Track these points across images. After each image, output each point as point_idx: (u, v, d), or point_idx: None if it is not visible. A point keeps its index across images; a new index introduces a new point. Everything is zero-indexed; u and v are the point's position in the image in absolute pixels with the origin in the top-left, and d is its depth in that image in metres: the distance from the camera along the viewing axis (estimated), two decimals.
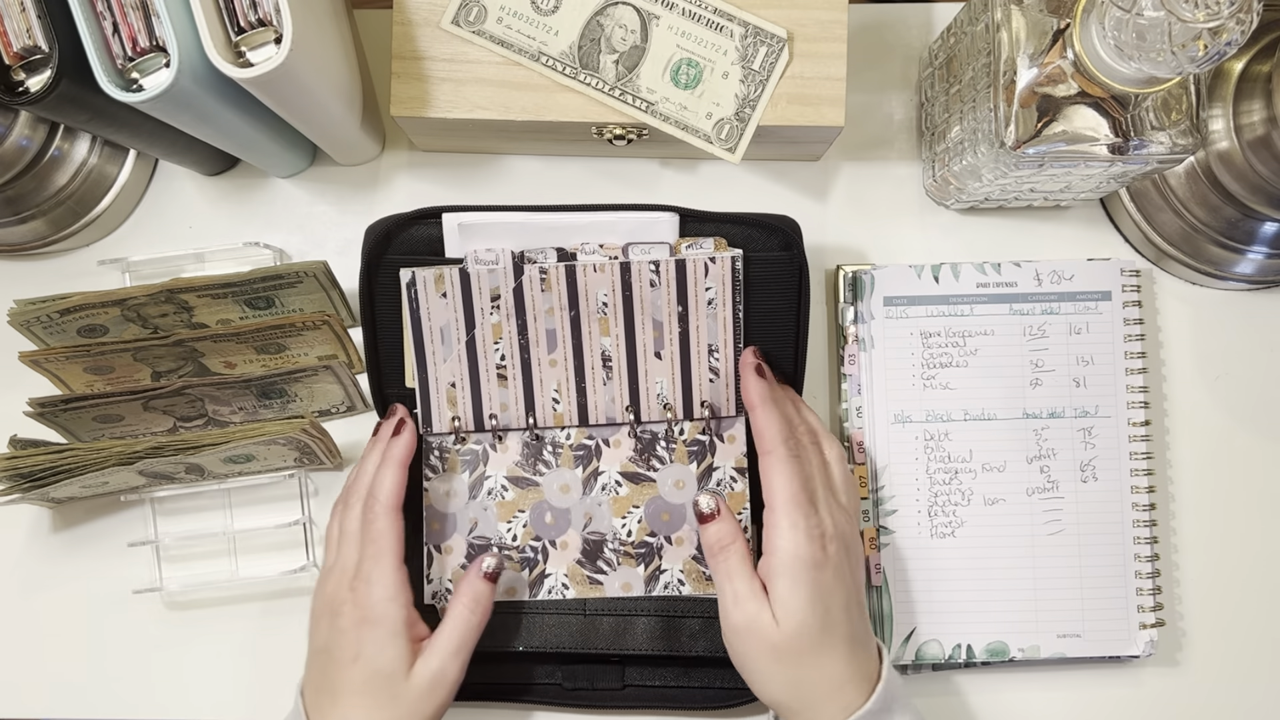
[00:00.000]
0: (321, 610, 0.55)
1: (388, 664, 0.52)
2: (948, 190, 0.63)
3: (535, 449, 0.61)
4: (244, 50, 0.50)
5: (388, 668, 0.52)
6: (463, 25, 0.57)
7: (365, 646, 0.52)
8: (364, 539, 0.55)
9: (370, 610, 0.53)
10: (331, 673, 0.53)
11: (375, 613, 0.53)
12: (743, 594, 0.52)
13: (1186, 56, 0.45)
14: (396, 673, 0.52)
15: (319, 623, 0.55)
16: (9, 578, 0.65)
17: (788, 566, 0.51)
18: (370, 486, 0.56)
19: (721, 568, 0.53)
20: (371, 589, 0.53)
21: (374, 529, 0.55)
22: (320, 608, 0.55)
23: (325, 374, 0.61)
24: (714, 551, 0.54)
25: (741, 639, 0.52)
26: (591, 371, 0.59)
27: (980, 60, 0.55)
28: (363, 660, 0.52)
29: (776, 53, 0.57)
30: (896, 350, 0.63)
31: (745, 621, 0.52)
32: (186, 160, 0.63)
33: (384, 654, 0.52)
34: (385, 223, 0.59)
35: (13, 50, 0.50)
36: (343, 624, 0.53)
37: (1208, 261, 0.64)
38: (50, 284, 0.62)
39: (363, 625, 0.53)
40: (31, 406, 0.59)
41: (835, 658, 0.51)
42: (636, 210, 0.58)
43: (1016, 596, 0.62)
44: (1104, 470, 0.63)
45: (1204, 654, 0.64)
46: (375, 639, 0.52)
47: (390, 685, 0.52)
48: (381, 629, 0.53)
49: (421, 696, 0.53)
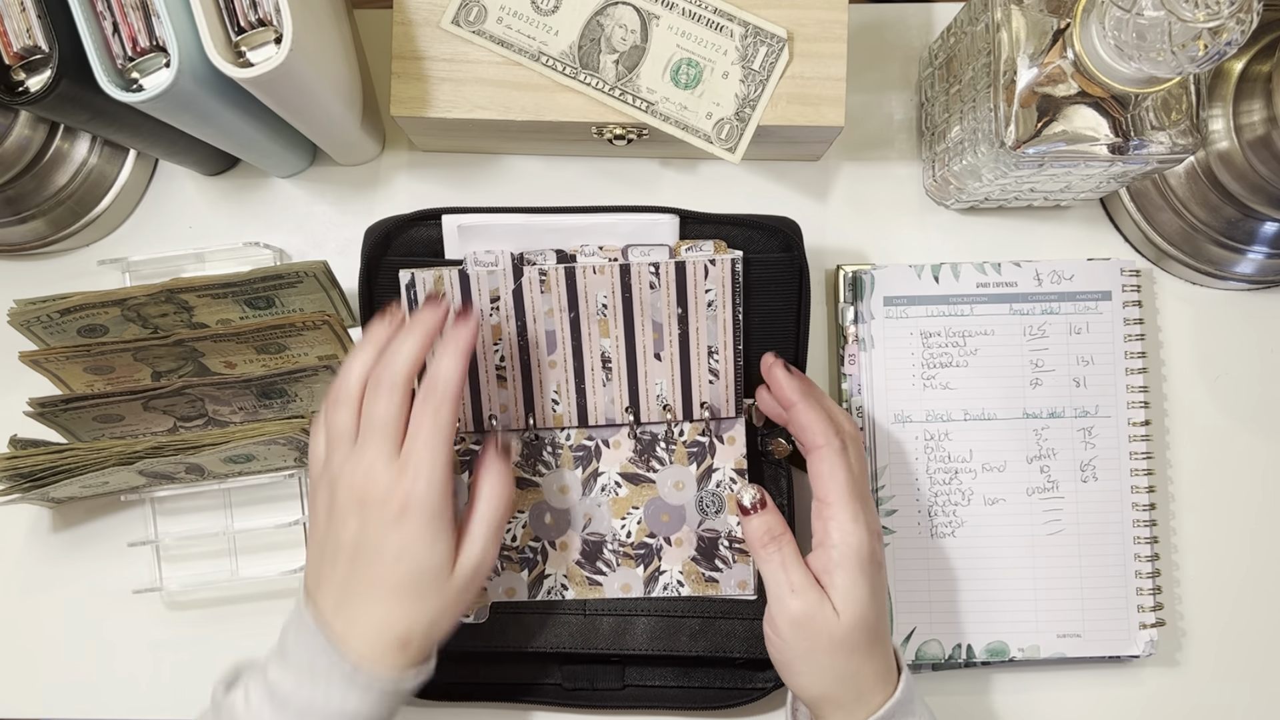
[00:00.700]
0: (348, 504, 0.50)
1: (437, 560, 0.49)
2: (948, 190, 0.63)
3: (535, 450, 0.61)
4: (244, 50, 0.50)
5: (436, 564, 0.49)
6: (463, 25, 0.57)
7: (414, 543, 0.49)
8: (421, 427, 0.50)
9: (420, 504, 0.49)
10: (365, 571, 0.49)
11: (427, 507, 0.49)
12: (800, 584, 0.51)
13: (1186, 56, 0.45)
14: (444, 568, 0.49)
15: (344, 519, 0.50)
16: (9, 578, 0.65)
17: (849, 560, 0.51)
18: (432, 374, 0.51)
19: (774, 559, 0.52)
20: (420, 482, 0.49)
21: (438, 417, 0.50)
22: (345, 502, 0.50)
23: (325, 374, 0.61)
24: (764, 543, 0.53)
25: (801, 629, 0.51)
26: (591, 373, 0.59)
27: (980, 60, 0.55)
28: (409, 557, 0.49)
29: (776, 53, 0.57)
30: (896, 350, 0.63)
31: (806, 611, 0.51)
32: (186, 160, 0.63)
33: (435, 550, 0.49)
34: (385, 224, 0.59)
35: (13, 50, 0.50)
36: (383, 519, 0.49)
37: (1208, 261, 0.64)
38: (50, 284, 0.62)
39: (411, 520, 0.49)
40: (31, 406, 0.59)
41: (883, 651, 0.52)
42: (636, 212, 0.58)
43: (1016, 596, 0.62)
44: (1104, 470, 0.63)
45: (1204, 654, 0.64)
46: (426, 535, 0.49)
47: (436, 580, 0.49)
48: (435, 524, 0.49)
49: (464, 588, 0.50)
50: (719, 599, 0.60)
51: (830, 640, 0.51)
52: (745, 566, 0.60)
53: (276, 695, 0.48)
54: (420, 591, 0.49)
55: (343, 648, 0.48)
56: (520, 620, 0.60)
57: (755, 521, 0.54)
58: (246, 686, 0.50)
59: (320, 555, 0.51)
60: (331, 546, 0.50)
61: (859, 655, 0.51)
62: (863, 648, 0.51)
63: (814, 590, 0.51)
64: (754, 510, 0.54)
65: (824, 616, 0.51)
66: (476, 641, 0.60)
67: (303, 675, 0.48)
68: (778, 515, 0.54)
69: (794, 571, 0.52)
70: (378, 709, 0.49)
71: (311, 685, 0.48)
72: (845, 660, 0.51)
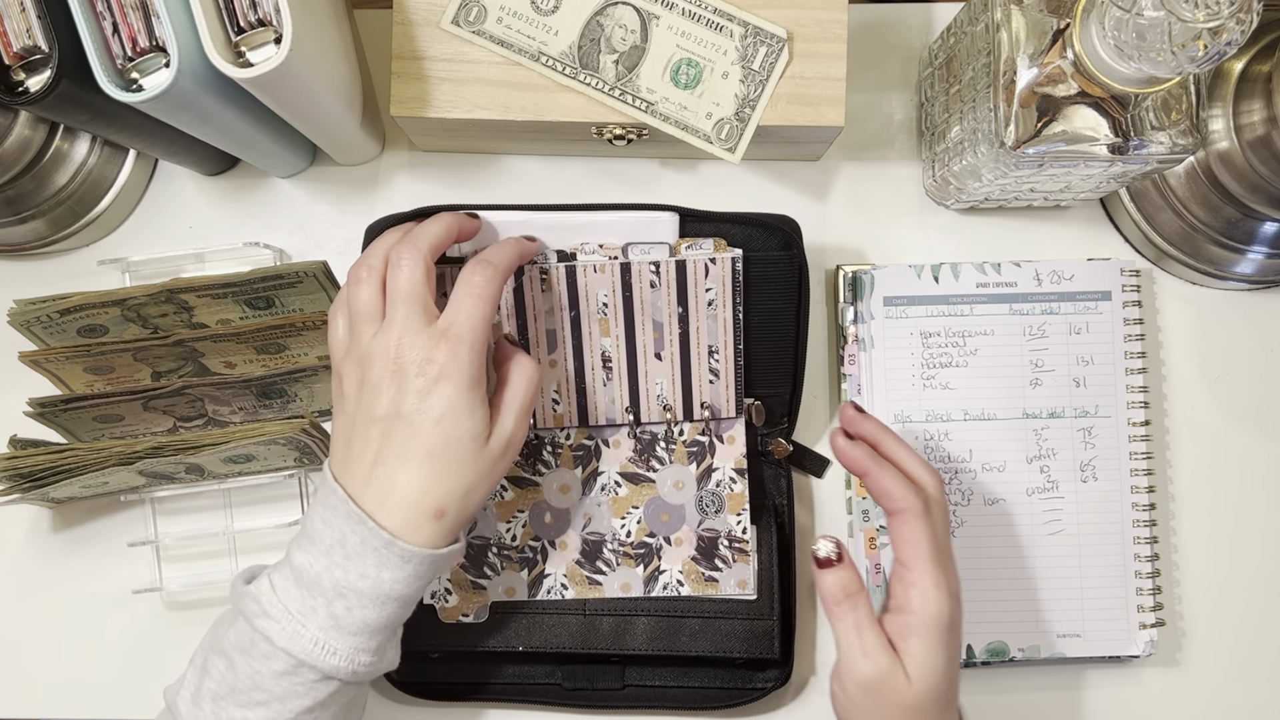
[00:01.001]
0: (383, 375, 0.48)
1: (476, 425, 0.49)
2: (948, 190, 0.63)
3: (535, 449, 0.61)
4: (244, 50, 0.50)
5: (475, 429, 0.49)
6: (463, 25, 0.57)
7: (454, 407, 0.48)
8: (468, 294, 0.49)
9: (462, 369, 0.48)
10: (401, 439, 0.48)
11: (468, 373, 0.48)
12: (873, 647, 0.50)
13: (1186, 56, 0.45)
14: (481, 434, 0.49)
15: (377, 391, 0.48)
16: (9, 578, 0.65)
17: (928, 628, 0.49)
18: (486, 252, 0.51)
19: (848, 618, 0.50)
20: (462, 348, 0.48)
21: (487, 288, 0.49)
22: (380, 373, 0.48)
23: (325, 374, 0.61)
24: (837, 599, 0.51)
25: (870, 693, 0.50)
26: (591, 372, 0.59)
27: (980, 60, 0.55)
28: (449, 421, 0.48)
29: (776, 53, 0.57)
30: (896, 350, 0.63)
31: (877, 676, 0.49)
32: (186, 160, 0.63)
33: (475, 414, 0.49)
34: (384, 223, 0.59)
35: (13, 50, 0.50)
36: (421, 384, 0.48)
37: (1208, 261, 0.64)
38: (50, 284, 0.62)
39: (451, 384, 0.48)
40: (31, 406, 0.59)
41: (950, 715, 0.51)
42: (636, 210, 0.58)
43: (1016, 596, 0.62)
44: (1104, 470, 0.63)
45: (1204, 654, 0.64)
46: (465, 401, 0.48)
47: (475, 447, 0.49)
48: (475, 391, 0.48)
49: (497, 459, 0.50)
50: (719, 599, 0.60)
51: (899, 708, 0.49)
52: (745, 566, 0.60)
53: (305, 577, 0.47)
54: (458, 459, 0.48)
55: (374, 522, 0.47)
56: (520, 620, 0.60)
57: (830, 577, 0.51)
58: (270, 576, 0.49)
59: (350, 431, 0.50)
60: (364, 420, 0.49)
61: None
62: (932, 714, 0.50)
63: (887, 655, 0.49)
64: (830, 564, 0.51)
65: (895, 683, 0.49)
66: (477, 641, 0.60)
67: (334, 554, 0.48)
68: (853, 572, 0.51)
69: (868, 634, 0.50)
70: (413, 584, 0.48)
71: (344, 563, 0.47)
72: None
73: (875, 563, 0.62)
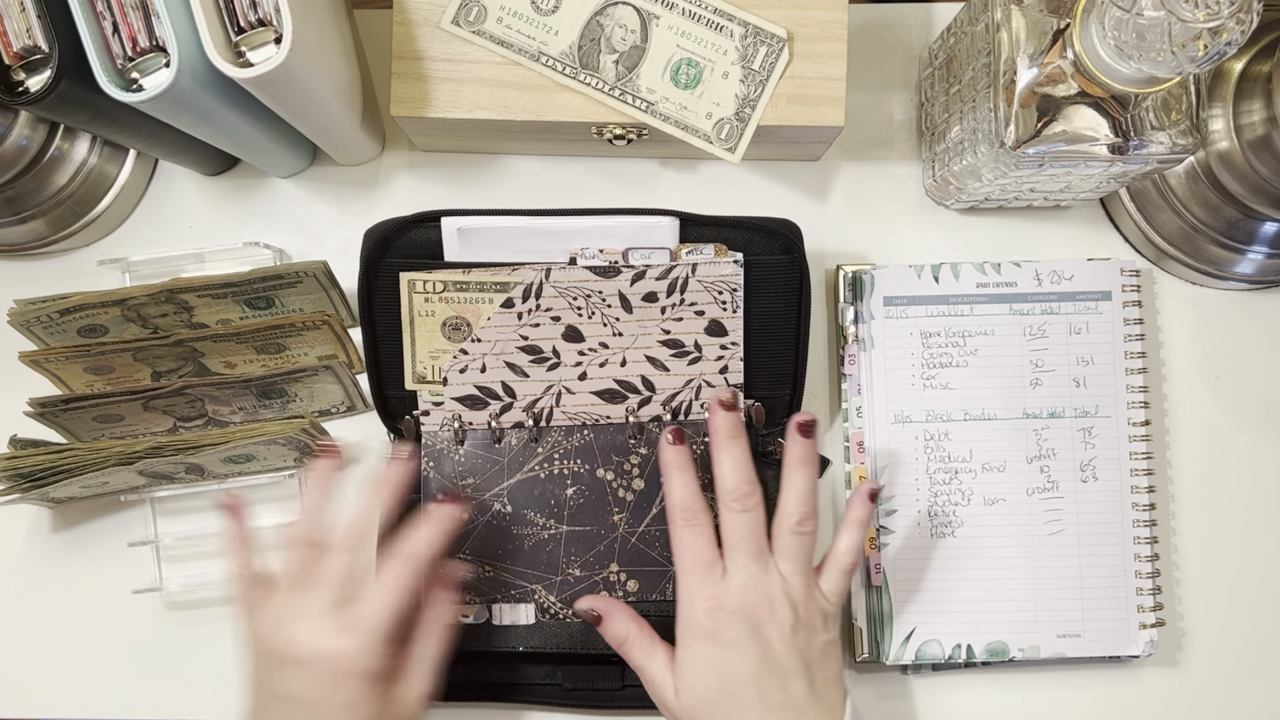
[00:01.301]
0: (288, 656, 0.50)
1: (376, 711, 0.51)
2: (948, 190, 0.63)
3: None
4: (244, 50, 0.50)
5: (374, 713, 0.51)
6: (463, 25, 0.57)
7: (356, 702, 0.50)
8: (381, 588, 0.51)
9: (365, 667, 0.50)
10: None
11: (371, 669, 0.50)
12: (662, 663, 0.55)
13: (1186, 56, 0.45)
14: (383, 714, 0.51)
15: (283, 670, 0.50)
16: (9, 578, 0.65)
17: (680, 634, 0.54)
18: (413, 540, 0.52)
19: (643, 645, 0.56)
20: (373, 644, 0.50)
21: (399, 582, 0.51)
22: (294, 655, 0.50)
23: (325, 374, 0.61)
24: (621, 639, 0.57)
25: (650, 689, 0.56)
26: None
27: (980, 60, 0.55)
28: (350, 711, 0.50)
29: (776, 53, 0.57)
30: (896, 350, 0.63)
31: (651, 677, 0.56)
32: (186, 160, 0.63)
33: (372, 704, 0.50)
34: (384, 226, 0.59)
35: (13, 50, 0.50)
36: (322, 673, 0.50)
37: (1208, 261, 0.64)
38: (50, 284, 0.62)
39: (353, 680, 0.50)
40: (31, 406, 0.59)
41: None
42: (636, 215, 0.58)
43: (1016, 596, 0.62)
44: (1104, 470, 0.63)
45: (1204, 654, 0.64)
46: (365, 693, 0.50)
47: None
48: (377, 685, 0.51)
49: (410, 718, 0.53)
50: None
51: (668, 710, 0.55)
52: None
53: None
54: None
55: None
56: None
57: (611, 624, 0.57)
58: None
59: (261, 700, 0.52)
60: (267, 693, 0.51)
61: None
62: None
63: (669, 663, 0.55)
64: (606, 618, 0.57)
65: (664, 686, 0.55)
66: (476, 641, 0.60)
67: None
68: (625, 612, 0.57)
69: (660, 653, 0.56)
70: None
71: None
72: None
73: (875, 563, 0.62)
